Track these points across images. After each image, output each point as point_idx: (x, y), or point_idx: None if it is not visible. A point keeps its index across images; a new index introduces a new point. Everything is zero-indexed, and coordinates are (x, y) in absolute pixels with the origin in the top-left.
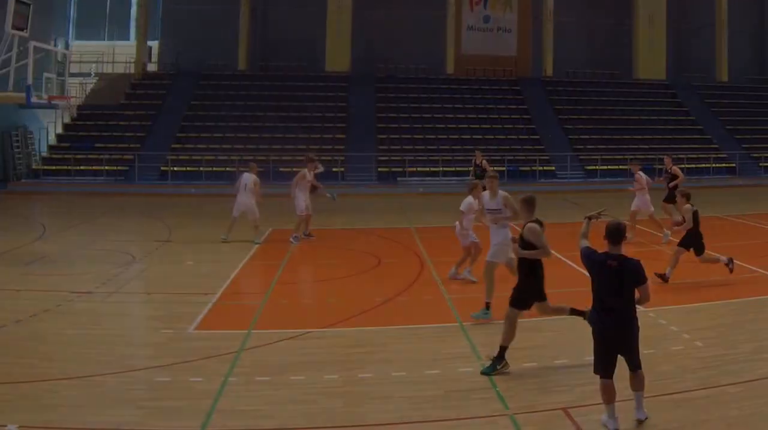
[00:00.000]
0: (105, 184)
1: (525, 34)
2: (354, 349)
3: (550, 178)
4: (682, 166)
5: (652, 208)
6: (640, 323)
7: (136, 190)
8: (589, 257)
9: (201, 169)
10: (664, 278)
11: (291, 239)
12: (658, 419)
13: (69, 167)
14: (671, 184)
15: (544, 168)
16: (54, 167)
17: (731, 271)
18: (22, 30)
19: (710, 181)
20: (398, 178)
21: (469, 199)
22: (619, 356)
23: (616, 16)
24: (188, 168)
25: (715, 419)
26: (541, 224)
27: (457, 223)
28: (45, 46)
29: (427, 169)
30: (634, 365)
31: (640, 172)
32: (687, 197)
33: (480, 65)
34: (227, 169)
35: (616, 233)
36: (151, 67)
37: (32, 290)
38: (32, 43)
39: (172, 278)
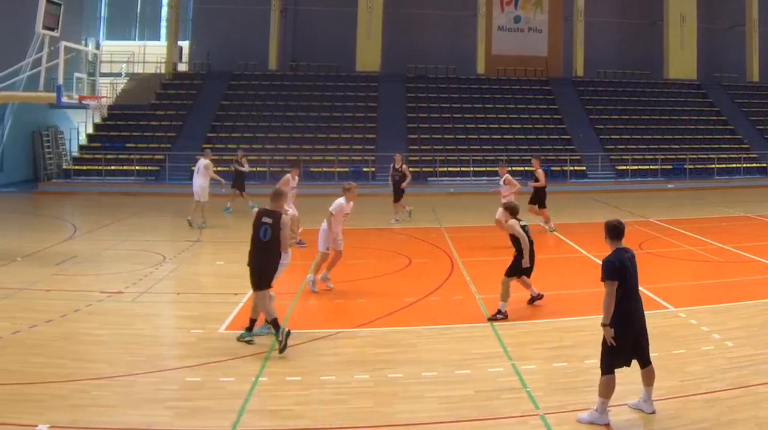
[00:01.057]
0: (135, 184)
1: (556, 35)
2: (384, 349)
3: (581, 179)
4: (713, 166)
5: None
6: (671, 323)
7: (166, 190)
8: (616, 268)
9: (231, 168)
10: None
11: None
12: (688, 419)
13: (100, 167)
14: (532, 184)
15: (575, 168)
16: (85, 167)
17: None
18: (52, 30)
19: (741, 181)
20: (429, 179)
21: (341, 200)
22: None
23: (646, 16)
24: (219, 168)
25: (746, 419)
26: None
27: (325, 223)
28: (76, 45)
29: (458, 169)
30: (648, 359)
31: (508, 175)
32: (512, 212)
33: (510, 65)
34: (258, 169)
35: (618, 230)
36: (182, 67)
37: (63, 290)
38: (63, 43)
39: (202, 278)
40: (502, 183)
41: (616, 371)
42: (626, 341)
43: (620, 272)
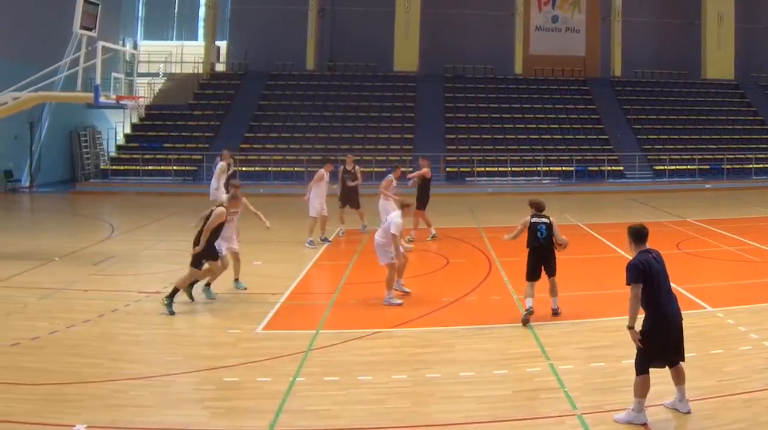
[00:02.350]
0: (173, 184)
1: (593, 34)
2: (422, 349)
3: (619, 179)
4: (750, 166)
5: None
6: (708, 323)
7: (204, 190)
8: (641, 269)
9: (269, 169)
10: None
11: (306, 244)
12: (725, 419)
13: (137, 167)
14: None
15: (613, 168)
16: (122, 167)
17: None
18: (90, 30)
19: None
20: (467, 178)
21: (399, 219)
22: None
23: (684, 16)
24: (257, 168)
25: None
26: None
27: (379, 237)
28: (113, 45)
29: (496, 169)
30: (682, 357)
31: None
32: (531, 207)
33: (548, 65)
34: (295, 169)
35: (642, 234)
36: (220, 67)
37: (101, 290)
38: (100, 43)
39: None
40: None
41: (651, 371)
42: (664, 342)
43: (646, 273)
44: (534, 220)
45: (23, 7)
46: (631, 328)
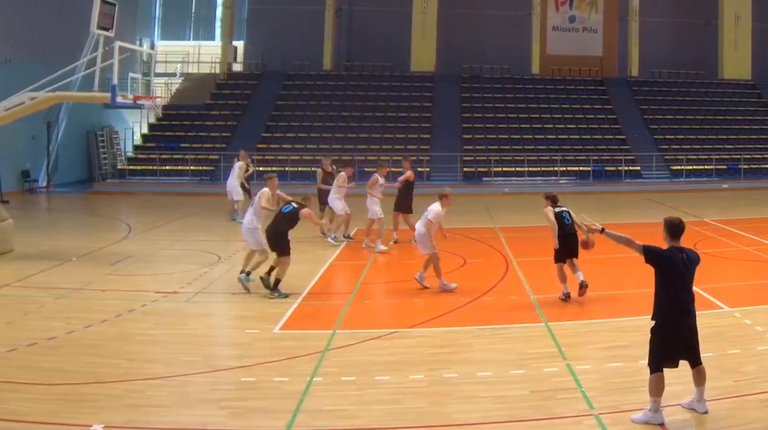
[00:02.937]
0: (190, 184)
1: (610, 34)
2: (439, 349)
3: (636, 179)
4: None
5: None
6: (725, 323)
7: (221, 190)
8: (660, 253)
9: (287, 169)
10: None
11: (330, 239)
12: (742, 419)
13: (154, 167)
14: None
15: (630, 168)
16: (139, 167)
17: None
18: (107, 30)
19: None
20: (484, 178)
21: (438, 207)
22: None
23: (701, 16)
24: (274, 168)
25: None
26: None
27: (421, 226)
28: (130, 45)
29: (513, 169)
30: (699, 359)
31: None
32: (548, 199)
33: (565, 65)
34: (312, 169)
35: (678, 228)
36: (237, 67)
37: (118, 290)
38: (117, 43)
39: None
40: None
41: (667, 371)
42: (675, 341)
43: (662, 259)
44: (557, 210)
45: (40, 7)
46: (603, 231)
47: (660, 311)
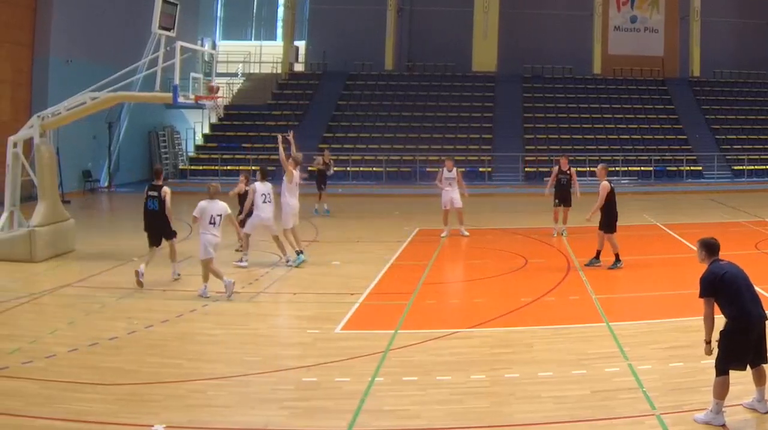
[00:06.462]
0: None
1: (672, 34)
2: (500, 349)
3: (697, 179)
4: None
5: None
6: None
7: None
8: (710, 276)
9: (348, 169)
10: None
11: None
12: None
13: (216, 167)
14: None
15: (691, 168)
16: (201, 167)
17: None
18: (168, 30)
19: None
20: (545, 178)
21: None
22: None
23: (764, 15)
24: (335, 168)
25: None
26: None
27: None
28: (192, 46)
29: (575, 168)
30: (764, 359)
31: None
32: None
33: (627, 65)
34: (374, 169)
35: (714, 248)
36: (298, 67)
37: (178, 290)
38: (179, 43)
39: (318, 278)
40: None
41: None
42: (745, 344)
43: (716, 284)
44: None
45: (101, 7)
46: (706, 342)
47: (730, 316)
